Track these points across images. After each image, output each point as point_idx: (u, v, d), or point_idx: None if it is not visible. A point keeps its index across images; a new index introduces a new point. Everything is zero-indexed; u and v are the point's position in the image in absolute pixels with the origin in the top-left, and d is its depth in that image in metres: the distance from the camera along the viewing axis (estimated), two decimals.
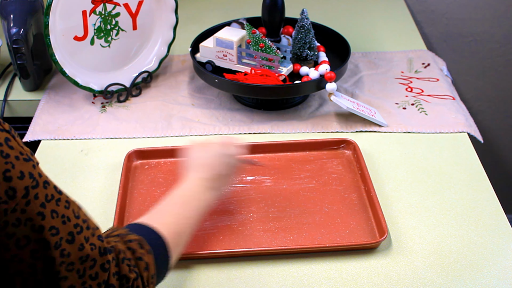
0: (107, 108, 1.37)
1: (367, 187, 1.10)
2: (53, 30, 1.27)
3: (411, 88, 1.42)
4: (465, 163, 1.19)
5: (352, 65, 1.51)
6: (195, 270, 0.98)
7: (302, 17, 1.32)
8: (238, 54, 1.33)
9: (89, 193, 1.14)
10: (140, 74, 1.42)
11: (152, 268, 0.76)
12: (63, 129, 1.31)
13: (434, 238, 1.02)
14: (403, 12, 1.77)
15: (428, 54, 1.56)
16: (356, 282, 0.95)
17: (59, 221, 0.62)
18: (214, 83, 1.31)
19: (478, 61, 1.96)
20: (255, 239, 1.02)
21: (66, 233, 0.62)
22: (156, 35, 1.44)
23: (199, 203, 0.91)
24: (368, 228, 1.04)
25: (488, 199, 1.10)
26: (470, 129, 1.28)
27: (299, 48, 1.34)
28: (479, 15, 1.88)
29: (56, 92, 1.43)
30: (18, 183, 0.59)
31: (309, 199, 1.10)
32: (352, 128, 1.29)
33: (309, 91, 1.32)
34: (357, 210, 1.07)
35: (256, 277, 0.96)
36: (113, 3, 1.34)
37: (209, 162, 0.95)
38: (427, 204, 1.09)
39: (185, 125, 1.31)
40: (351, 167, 1.17)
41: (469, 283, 0.94)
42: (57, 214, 0.62)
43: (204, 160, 0.96)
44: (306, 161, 1.19)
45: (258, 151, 1.20)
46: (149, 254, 0.76)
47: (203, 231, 1.03)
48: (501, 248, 1.00)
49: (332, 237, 1.02)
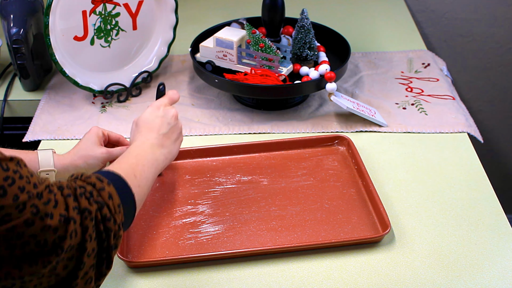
0: (107, 108, 1.37)
1: (365, 182, 1.11)
2: (53, 30, 1.27)
3: (411, 88, 1.42)
4: (465, 163, 1.19)
5: (352, 65, 1.51)
6: (196, 270, 0.98)
7: (302, 17, 1.32)
8: (238, 54, 1.33)
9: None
10: (140, 74, 1.42)
11: (116, 198, 0.77)
12: (63, 129, 1.31)
13: (434, 238, 1.02)
14: (403, 12, 1.77)
15: (428, 54, 1.56)
16: (357, 279, 0.95)
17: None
18: (214, 83, 1.31)
19: (478, 61, 1.96)
20: (260, 238, 1.02)
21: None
22: (156, 35, 1.44)
23: (151, 157, 0.96)
24: (370, 223, 1.04)
25: (488, 199, 1.10)
26: (470, 129, 1.29)
27: (299, 48, 1.34)
28: (479, 15, 1.88)
29: (56, 92, 1.43)
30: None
31: (309, 196, 1.10)
32: (352, 128, 1.29)
33: (309, 91, 1.32)
34: (357, 205, 1.08)
35: (259, 277, 0.96)
36: (113, 3, 1.34)
37: (149, 125, 1.02)
38: (427, 204, 1.09)
39: (185, 125, 1.31)
40: (346, 163, 1.18)
41: (469, 283, 0.94)
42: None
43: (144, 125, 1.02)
44: (301, 158, 1.20)
45: (253, 150, 1.21)
46: (109, 185, 0.78)
47: (206, 233, 1.03)
48: (501, 248, 1.00)
49: (336, 233, 1.02)
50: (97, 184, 0.77)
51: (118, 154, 1.12)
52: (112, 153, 1.11)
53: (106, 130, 1.13)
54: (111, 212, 0.75)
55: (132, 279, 0.97)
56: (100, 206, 0.74)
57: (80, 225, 0.70)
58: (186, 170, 1.17)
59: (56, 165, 1.05)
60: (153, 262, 0.98)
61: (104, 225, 0.74)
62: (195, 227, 1.04)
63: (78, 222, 0.69)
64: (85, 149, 1.08)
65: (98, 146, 1.09)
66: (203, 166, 1.18)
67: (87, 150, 1.08)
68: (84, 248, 0.70)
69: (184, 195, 1.11)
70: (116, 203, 0.77)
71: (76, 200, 0.71)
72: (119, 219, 0.77)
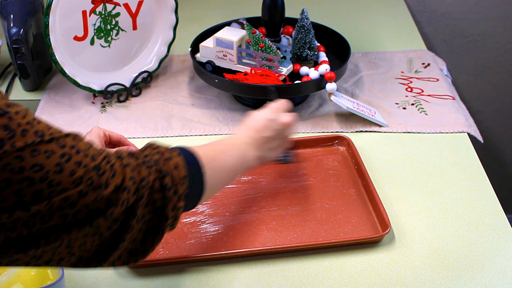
0: (107, 108, 1.37)
1: (365, 182, 1.11)
2: (53, 30, 1.27)
3: (411, 88, 1.42)
4: (465, 163, 1.19)
5: (352, 65, 1.51)
6: (196, 270, 0.98)
7: (302, 17, 1.32)
8: (238, 54, 1.33)
9: None
10: (140, 74, 1.42)
11: (183, 170, 0.77)
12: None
13: (434, 238, 1.02)
14: (403, 12, 1.77)
15: (428, 54, 1.56)
16: (357, 279, 0.95)
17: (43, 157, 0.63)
18: (214, 83, 1.31)
19: (478, 61, 1.96)
20: (260, 238, 1.02)
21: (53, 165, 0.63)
22: (156, 35, 1.44)
23: (239, 152, 0.93)
24: (369, 223, 1.04)
25: (488, 199, 1.10)
26: (470, 129, 1.29)
27: (299, 48, 1.34)
28: (479, 15, 1.88)
29: (56, 92, 1.43)
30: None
31: (309, 196, 1.10)
32: (352, 128, 1.29)
33: (309, 91, 1.32)
34: (357, 205, 1.08)
35: (259, 277, 0.96)
36: (113, 3, 1.34)
37: (254, 124, 0.99)
38: (427, 204, 1.09)
39: (185, 125, 1.31)
40: (346, 163, 1.18)
41: (469, 283, 0.94)
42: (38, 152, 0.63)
43: (254, 119, 1.00)
44: (302, 158, 1.19)
45: None
46: (179, 156, 0.78)
47: (206, 233, 1.03)
48: (501, 248, 1.00)
49: (336, 233, 1.02)
50: (165, 153, 0.77)
51: None
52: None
53: (107, 130, 1.13)
54: (173, 183, 0.75)
55: (132, 279, 0.97)
56: (162, 175, 0.74)
57: (134, 194, 0.70)
58: None
59: None
60: (153, 262, 0.98)
61: (163, 194, 0.74)
62: (195, 227, 1.04)
63: (132, 191, 0.70)
64: None
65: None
66: None
67: None
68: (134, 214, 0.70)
69: None
70: (182, 174, 0.77)
71: (135, 169, 0.71)
72: (181, 190, 0.76)
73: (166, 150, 0.79)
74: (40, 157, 0.63)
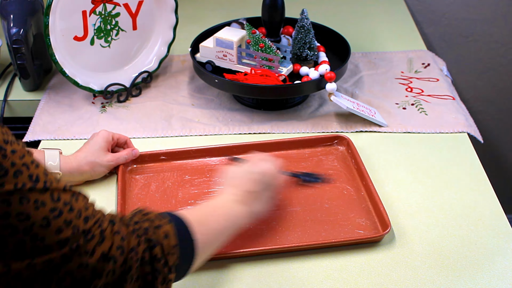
0: (107, 108, 1.37)
1: (365, 182, 1.10)
2: (53, 30, 1.27)
3: (411, 88, 1.42)
4: (465, 163, 1.19)
5: (352, 65, 1.51)
6: (197, 271, 0.98)
7: (302, 17, 1.32)
8: (238, 54, 1.33)
9: (88, 193, 1.13)
10: (140, 74, 1.42)
11: (173, 238, 0.73)
12: (63, 129, 1.31)
13: (434, 238, 1.02)
14: (403, 12, 1.77)
15: (428, 54, 1.56)
16: (357, 279, 0.95)
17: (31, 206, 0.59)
18: (214, 83, 1.31)
19: (478, 61, 1.96)
20: (260, 238, 1.02)
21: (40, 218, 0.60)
22: (156, 35, 1.44)
23: (228, 211, 0.91)
24: (370, 222, 1.04)
25: (488, 199, 1.10)
26: (470, 129, 1.29)
27: (299, 48, 1.34)
28: (479, 15, 1.88)
29: (56, 92, 1.43)
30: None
31: (309, 196, 1.10)
32: (352, 128, 1.29)
33: (309, 91, 1.32)
34: (357, 205, 1.08)
35: (259, 277, 0.96)
36: (113, 3, 1.34)
37: (237, 179, 0.96)
38: (427, 204, 1.09)
39: (185, 125, 1.31)
40: (346, 163, 1.18)
41: (469, 283, 0.94)
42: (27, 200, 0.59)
43: (232, 177, 0.97)
44: (301, 158, 1.20)
45: (253, 150, 1.20)
46: (169, 223, 0.75)
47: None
48: (501, 248, 1.00)
49: (336, 232, 1.02)
50: (155, 221, 0.74)
51: (124, 160, 1.13)
52: (119, 160, 1.11)
53: (116, 134, 1.12)
54: (164, 253, 0.72)
55: None
56: (152, 245, 0.71)
57: (122, 265, 0.66)
58: (186, 170, 1.17)
59: (62, 168, 1.04)
60: None
61: (152, 266, 0.70)
62: None
63: (119, 262, 0.66)
64: (92, 155, 1.08)
65: (105, 153, 1.10)
66: (203, 166, 1.18)
67: (95, 157, 1.09)
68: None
69: (184, 195, 1.11)
70: (172, 243, 0.73)
71: (125, 238, 0.68)
72: (171, 261, 0.73)
73: (156, 217, 0.75)
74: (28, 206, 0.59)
